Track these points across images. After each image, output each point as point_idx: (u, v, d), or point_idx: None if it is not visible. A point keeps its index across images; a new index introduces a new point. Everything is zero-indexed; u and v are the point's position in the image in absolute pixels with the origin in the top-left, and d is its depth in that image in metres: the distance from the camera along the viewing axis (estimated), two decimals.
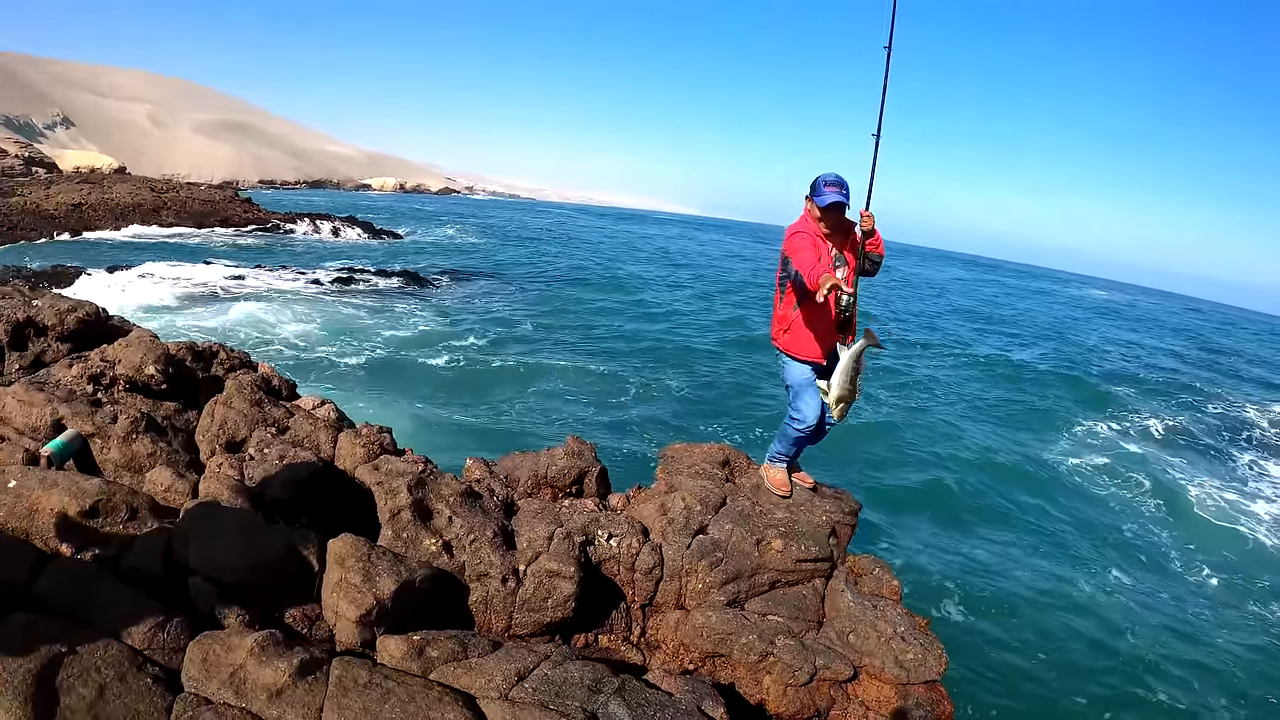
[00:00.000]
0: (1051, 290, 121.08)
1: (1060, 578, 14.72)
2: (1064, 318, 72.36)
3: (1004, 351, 41.91)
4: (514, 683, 4.51)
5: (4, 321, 7.26)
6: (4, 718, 3.51)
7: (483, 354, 26.94)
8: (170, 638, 4.31)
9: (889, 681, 5.50)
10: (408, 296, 36.89)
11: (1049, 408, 28.99)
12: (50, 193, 53.28)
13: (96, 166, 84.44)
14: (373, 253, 54.39)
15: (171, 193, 60.10)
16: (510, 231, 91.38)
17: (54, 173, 72.02)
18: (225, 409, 6.72)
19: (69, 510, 5.04)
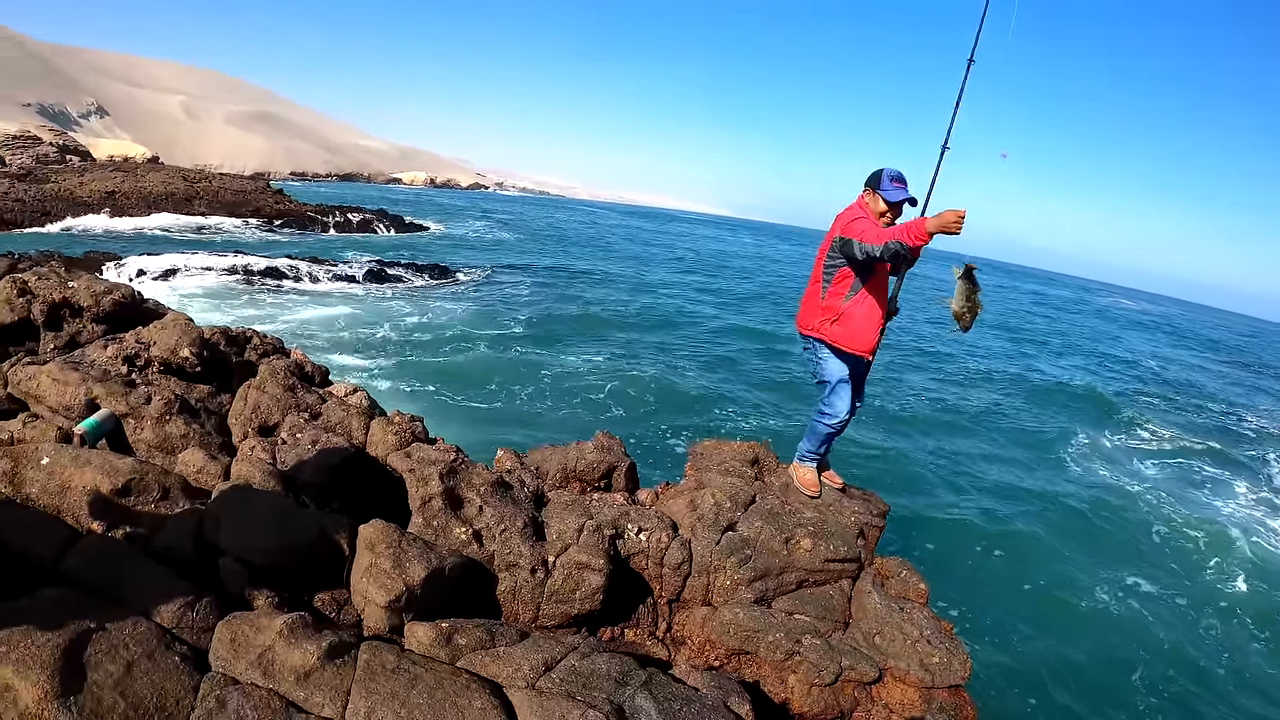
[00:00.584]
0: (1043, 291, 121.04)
1: (1087, 590, 14.58)
2: (1058, 315, 72.32)
3: (1021, 357, 41.88)
4: (541, 673, 4.50)
5: (40, 301, 7.30)
6: (30, 690, 3.51)
7: (511, 348, 27.08)
8: (199, 617, 4.31)
9: (913, 684, 5.47)
10: (437, 290, 37.13)
11: (1070, 420, 28.66)
12: (84, 180, 53.63)
13: (130, 155, 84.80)
14: (403, 246, 54.53)
15: (204, 182, 60.40)
16: (541, 228, 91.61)
17: (88, 161, 72.45)
18: (258, 393, 6.76)
19: (101, 488, 5.06)
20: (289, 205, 61.07)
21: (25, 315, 7.22)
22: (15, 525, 4.67)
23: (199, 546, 4.90)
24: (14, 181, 49.69)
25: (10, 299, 7.28)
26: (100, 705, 3.58)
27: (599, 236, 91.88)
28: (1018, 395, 31.41)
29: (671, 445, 18.37)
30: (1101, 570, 15.60)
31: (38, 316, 7.26)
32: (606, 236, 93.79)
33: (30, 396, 6.45)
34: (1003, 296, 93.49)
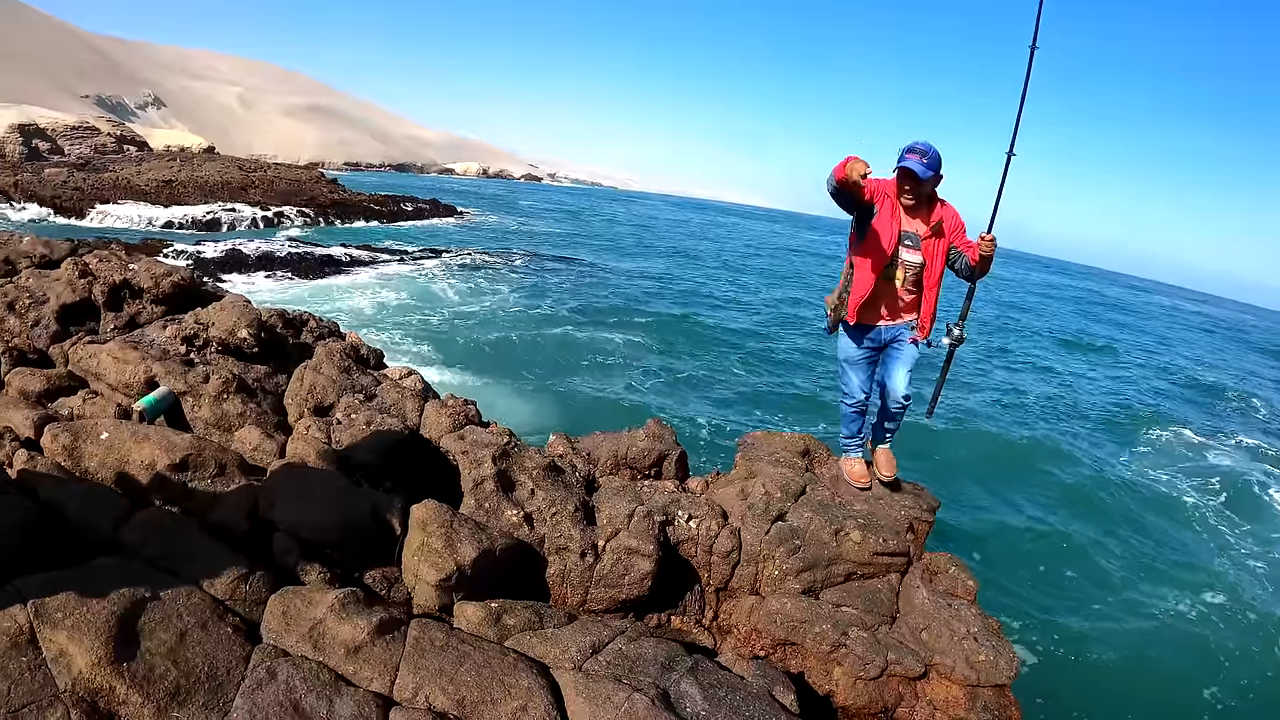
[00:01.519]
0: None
1: (1149, 599, 14.24)
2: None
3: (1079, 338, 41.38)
4: (588, 655, 4.53)
5: (101, 283, 7.42)
6: (84, 656, 3.57)
7: (564, 337, 27.27)
8: (252, 590, 4.39)
9: (958, 682, 5.42)
10: (491, 279, 37.26)
11: (1137, 419, 28.22)
12: (141, 169, 54.30)
13: (186, 146, 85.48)
14: (454, 235, 54.96)
15: (259, 172, 60.95)
16: (594, 220, 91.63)
17: (144, 150, 73.17)
18: (314, 374, 6.85)
19: (159, 463, 5.15)
20: (343, 194, 61.38)
21: (87, 296, 7.34)
22: (74, 497, 4.77)
23: (253, 522, 4.99)
24: (72, 171, 50.41)
25: (72, 280, 7.40)
26: (153, 672, 3.65)
27: (653, 229, 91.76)
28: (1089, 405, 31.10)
29: (720, 437, 18.33)
30: (1166, 579, 15.22)
31: (98, 297, 7.37)
32: (659, 228, 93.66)
33: (90, 374, 6.56)
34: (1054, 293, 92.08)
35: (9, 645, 3.54)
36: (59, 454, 5.26)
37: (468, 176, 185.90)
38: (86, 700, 3.48)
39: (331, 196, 59.28)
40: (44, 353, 6.91)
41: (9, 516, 4.39)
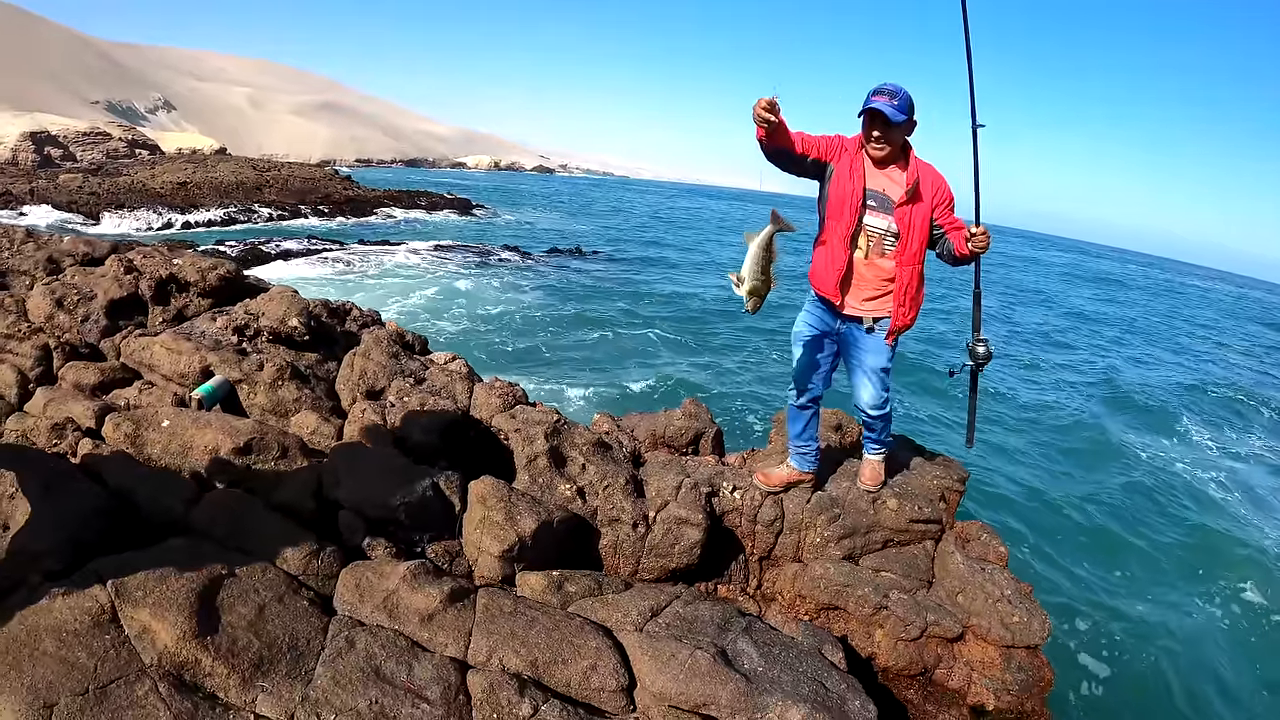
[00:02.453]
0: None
1: (1180, 578, 14.10)
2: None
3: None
4: (648, 618, 4.70)
5: (147, 277, 7.58)
6: (169, 631, 3.72)
7: (590, 325, 27.46)
8: (323, 565, 4.55)
9: (994, 643, 5.55)
10: (511, 273, 37.28)
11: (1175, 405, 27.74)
12: (155, 172, 54.57)
13: (198, 148, 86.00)
14: (471, 230, 54.99)
15: (273, 171, 61.11)
16: (608, 209, 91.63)
17: (156, 154, 73.67)
18: (364, 360, 7.02)
19: (222, 448, 5.31)
20: (357, 191, 61.50)
21: (134, 290, 7.49)
22: (142, 481, 4.95)
23: (319, 501, 5.16)
24: (87, 176, 50.67)
25: (118, 275, 7.55)
26: (236, 645, 3.80)
27: (667, 217, 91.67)
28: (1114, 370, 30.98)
29: (750, 419, 18.46)
30: (1209, 563, 14.85)
31: (145, 291, 7.53)
32: (675, 217, 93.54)
33: (144, 365, 6.72)
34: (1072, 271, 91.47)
35: (91, 624, 3.69)
36: (121, 442, 5.42)
37: (480, 170, 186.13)
38: (173, 674, 3.62)
39: (346, 194, 59.39)
40: (95, 347, 7.06)
41: (84, 502, 4.56)
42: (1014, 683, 5.45)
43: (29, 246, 8.78)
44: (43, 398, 6.12)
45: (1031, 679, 5.47)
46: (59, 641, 3.58)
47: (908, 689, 5.66)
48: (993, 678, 5.50)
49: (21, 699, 3.28)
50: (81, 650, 3.57)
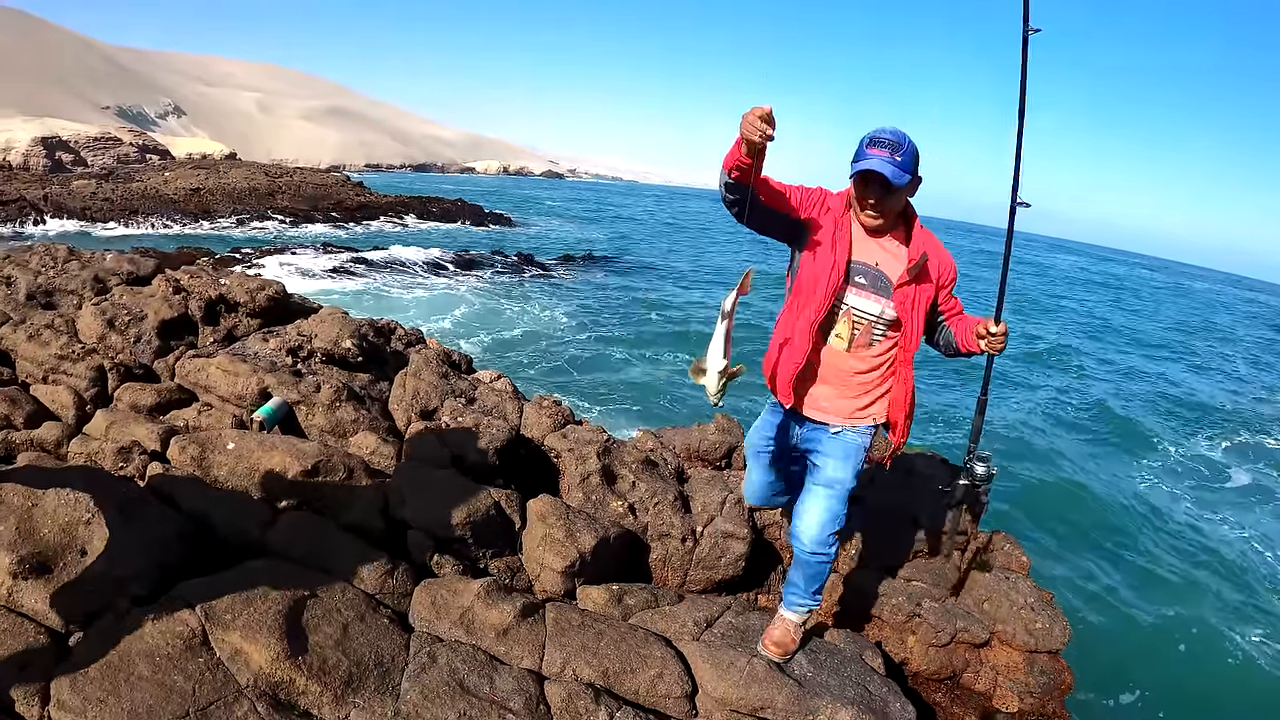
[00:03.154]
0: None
1: (1197, 582, 14.30)
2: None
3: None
4: (704, 628, 4.96)
5: (196, 298, 7.77)
6: (262, 653, 3.91)
7: (613, 340, 27.61)
8: (398, 583, 4.77)
9: (1018, 648, 5.73)
10: (533, 284, 37.19)
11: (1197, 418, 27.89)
12: (168, 178, 54.70)
13: (208, 153, 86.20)
14: (487, 239, 54.63)
15: (285, 177, 61.12)
16: (620, 215, 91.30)
17: (167, 159, 73.84)
18: (416, 380, 7.22)
19: (290, 470, 5.48)
20: (369, 198, 61.28)
21: (183, 311, 7.67)
22: (217, 504, 5.14)
23: (387, 520, 5.38)
24: (100, 182, 50.80)
25: (167, 296, 7.74)
26: (325, 663, 4.00)
27: (679, 224, 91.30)
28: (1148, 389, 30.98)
29: None
30: (1228, 571, 15.00)
31: (195, 312, 7.71)
32: (687, 224, 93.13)
33: (199, 387, 6.91)
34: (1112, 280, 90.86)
35: (184, 647, 3.88)
36: (188, 464, 5.60)
37: (489, 175, 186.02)
38: (269, 694, 3.83)
39: (357, 200, 59.29)
40: (148, 367, 7.24)
41: (164, 526, 4.75)
42: (1036, 686, 5.67)
43: (73, 265, 8.97)
44: (103, 420, 6.27)
45: (1053, 682, 5.68)
46: (154, 666, 3.76)
47: (936, 692, 5.86)
48: (1016, 681, 5.71)
49: None
50: (177, 674, 3.75)
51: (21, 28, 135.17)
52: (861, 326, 4.46)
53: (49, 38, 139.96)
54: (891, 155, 4.04)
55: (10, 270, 8.66)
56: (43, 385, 6.82)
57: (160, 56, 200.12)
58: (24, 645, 3.88)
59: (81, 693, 3.59)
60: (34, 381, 6.93)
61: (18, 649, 3.84)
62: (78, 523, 4.50)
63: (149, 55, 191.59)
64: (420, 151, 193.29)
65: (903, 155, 4.05)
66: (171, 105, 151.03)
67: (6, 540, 4.23)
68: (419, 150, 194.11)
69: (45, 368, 6.97)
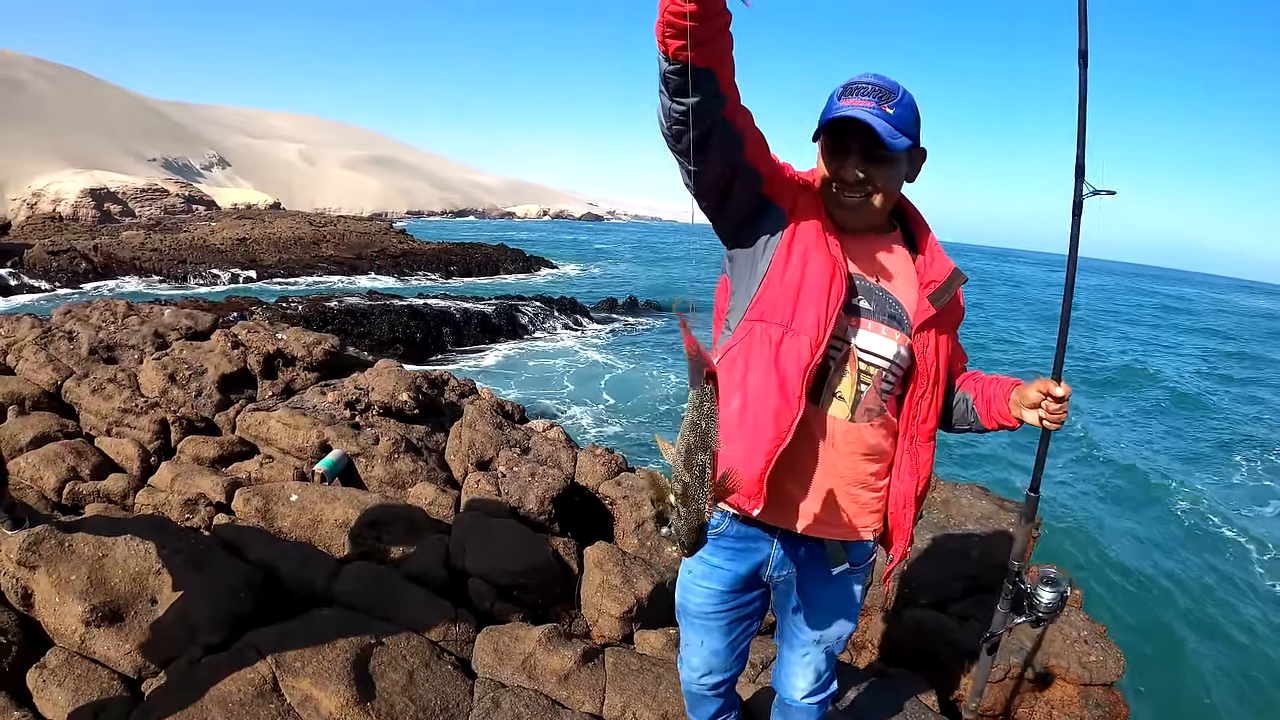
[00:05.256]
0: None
1: (1261, 613, 14.03)
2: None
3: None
4: (759, 670, 5.03)
5: (254, 353, 7.95)
6: (331, 699, 4.04)
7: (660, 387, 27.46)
8: (460, 631, 4.88)
9: (1072, 682, 5.72)
10: (579, 330, 37.12)
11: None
12: (215, 228, 55.51)
13: (253, 203, 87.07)
14: (533, 286, 54.22)
15: (329, 226, 61.79)
16: (667, 258, 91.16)
17: (213, 209, 74.75)
18: (471, 431, 7.36)
19: (351, 521, 5.63)
20: (412, 244, 61.61)
21: (242, 365, 7.85)
22: (284, 554, 5.28)
23: (448, 569, 5.49)
24: (148, 233, 51.66)
25: (226, 350, 7.92)
26: (394, 709, 4.11)
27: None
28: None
29: None
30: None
31: (254, 366, 7.89)
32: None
33: (260, 439, 7.07)
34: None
35: (255, 694, 4.01)
36: (252, 516, 5.76)
37: (529, 219, 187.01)
38: None
39: (401, 247, 59.38)
40: (209, 420, 7.41)
41: (234, 576, 4.89)
42: (1091, 719, 5.61)
43: (132, 320, 9.16)
44: (169, 472, 6.41)
45: (1108, 715, 5.64)
46: (226, 712, 3.88)
47: None
48: (1071, 715, 5.65)
49: None
50: (249, 719, 3.88)
51: (73, 85, 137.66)
52: (870, 379, 2.83)
53: (99, 93, 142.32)
54: (879, 105, 2.56)
55: (72, 325, 8.87)
56: (107, 438, 6.98)
57: (204, 110, 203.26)
58: (99, 692, 4.03)
59: None
60: (98, 434, 7.09)
61: (93, 696, 3.99)
62: (148, 572, 4.64)
63: (193, 109, 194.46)
64: (460, 197, 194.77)
65: (896, 106, 2.57)
66: (216, 157, 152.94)
67: (78, 589, 4.38)
68: (459, 196, 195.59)
69: (109, 420, 7.14)
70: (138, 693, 4.14)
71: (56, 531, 4.67)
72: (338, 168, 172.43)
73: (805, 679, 3.34)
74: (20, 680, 4.09)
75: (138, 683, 4.20)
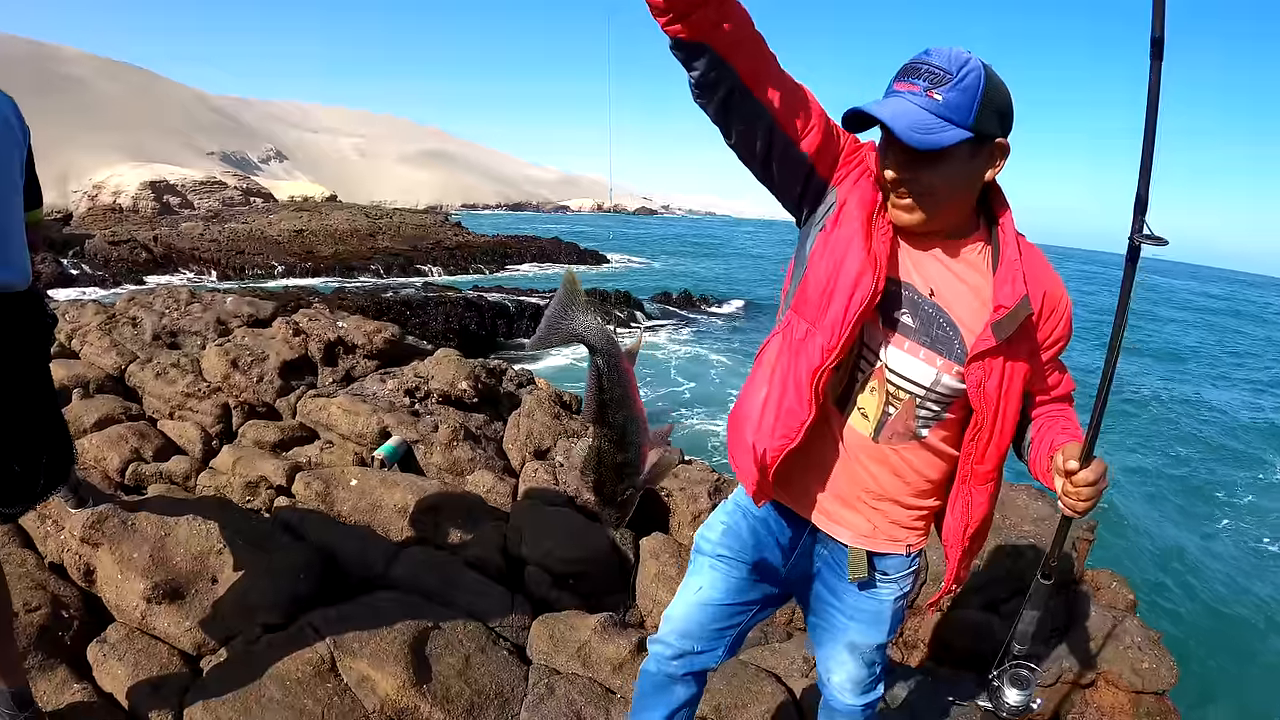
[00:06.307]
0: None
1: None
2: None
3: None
4: (813, 665, 4.99)
5: (315, 340, 8.03)
6: (389, 680, 4.08)
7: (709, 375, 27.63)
8: (516, 618, 4.91)
9: (1124, 689, 5.64)
10: (637, 322, 36.94)
11: None
12: (272, 220, 55.88)
13: (309, 195, 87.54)
14: (593, 278, 53.92)
15: (385, 218, 62.04)
16: (728, 252, 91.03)
17: (270, 202, 75.29)
18: (529, 421, 7.40)
19: (410, 506, 5.69)
20: (466, 237, 62.20)
21: (303, 352, 7.94)
22: (344, 538, 5.34)
23: (505, 557, 5.55)
24: (207, 224, 52.18)
25: (287, 338, 8.01)
26: (449, 692, 4.16)
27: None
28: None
29: None
30: None
31: (314, 353, 7.98)
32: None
33: (320, 425, 7.15)
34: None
35: (313, 673, 4.07)
36: (312, 500, 5.82)
37: (583, 212, 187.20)
38: (394, 719, 4.00)
39: (456, 239, 59.80)
40: (270, 406, 7.50)
41: (294, 558, 4.95)
42: None
43: (195, 307, 9.29)
44: (230, 455, 6.50)
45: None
46: (284, 690, 3.95)
47: None
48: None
49: None
50: (307, 697, 3.94)
51: (134, 81, 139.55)
52: (901, 404, 2.52)
53: (159, 90, 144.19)
54: (925, 92, 2.15)
55: (136, 312, 9.00)
56: (169, 421, 7.09)
57: (262, 105, 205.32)
58: (158, 667, 4.12)
59: (214, 713, 3.79)
60: (161, 417, 7.21)
61: (153, 671, 4.09)
62: (209, 551, 4.72)
63: (253, 104, 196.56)
64: (516, 191, 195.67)
65: (948, 91, 2.13)
66: (273, 150, 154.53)
67: (140, 567, 4.47)
68: (514, 190, 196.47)
69: (171, 404, 7.25)
70: (196, 669, 4.24)
71: (120, 510, 4.78)
72: (393, 162, 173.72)
73: (847, 670, 3.02)
74: (81, 654, 4.21)
75: (197, 659, 4.29)
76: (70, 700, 3.86)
